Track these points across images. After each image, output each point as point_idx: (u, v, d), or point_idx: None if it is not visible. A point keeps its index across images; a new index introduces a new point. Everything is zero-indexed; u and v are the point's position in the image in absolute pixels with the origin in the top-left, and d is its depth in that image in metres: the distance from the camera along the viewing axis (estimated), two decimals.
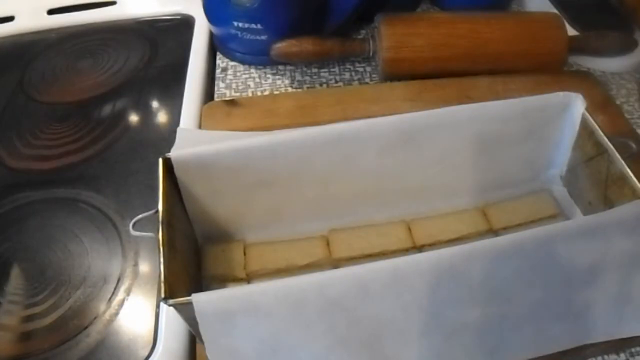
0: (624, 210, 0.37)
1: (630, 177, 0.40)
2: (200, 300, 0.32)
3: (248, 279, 0.43)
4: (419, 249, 0.45)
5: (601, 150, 0.43)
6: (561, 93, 0.45)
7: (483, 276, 0.35)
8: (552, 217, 0.47)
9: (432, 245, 0.45)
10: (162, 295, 0.33)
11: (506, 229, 0.46)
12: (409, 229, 0.46)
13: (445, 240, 0.45)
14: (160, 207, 0.38)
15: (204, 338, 0.33)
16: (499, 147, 0.46)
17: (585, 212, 0.46)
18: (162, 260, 0.35)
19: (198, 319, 0.33)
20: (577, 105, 0.45)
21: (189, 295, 0.33)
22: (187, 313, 0.33)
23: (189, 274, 0.40)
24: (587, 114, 0.44)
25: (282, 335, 0.34)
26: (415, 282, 0.34)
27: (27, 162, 0.56)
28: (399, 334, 0.35)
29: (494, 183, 0.48)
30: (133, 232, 0.38)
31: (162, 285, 0.33)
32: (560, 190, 0.49)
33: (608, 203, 0.43)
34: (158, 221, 0.37)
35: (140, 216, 0.38)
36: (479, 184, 0.48)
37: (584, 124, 0.44)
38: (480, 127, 0.45)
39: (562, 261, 0.36)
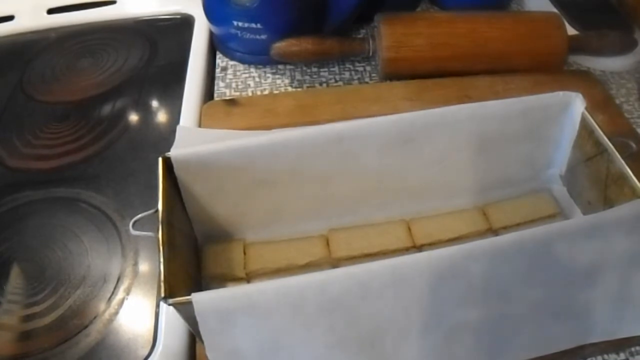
0: (623, 210, 0.37)
1: (630, 176, 0.40)
2: (200, 299, 0.32)
3: (248, 278, 0.43)
4: (419, 248, 0.45)
5: (601, 149, 0.43)
6: (561, 92, 0.45)
7: (483, 276, 0.35)
8: (551, 217, 0.47)
9: (432, 245, 0.45)
10: (162, 295, 0.33)
11: (506, 229, 0.46)
12: (409, 229, 0.46)
13: (445, 239, 0.45)
14: (160, 206, 0.38)
15: (203, 338, 0.33)
16: (498, 146, 0.46)
17: (585, 212, 0.46)
18: (162, 259, 0.35)
19: (198, 319, 0.33)
20: (576, 104, 0.45)
21: (189, 294, 0.33)
22: (187, 312, 0.33)
23: (188, 274, 0.40)
24: (586, 114, 0.44)
25: (282, 335, 0.34)
26: (415, 282, 0.34)
27: (27, 161, 0.56)
28: (398, 333, 0.35)
29: (493, 182, 0.48)
30: (133, 232, 0.38)
31: (162, 284, 0.33)
32: (560, 190, 0.49)
33: (608, 202, 0.43)
34: (158, 220, 0.37)
35: (140, 215, 0.38)
36: (478, 183, 0.48)
37: (583, 123, 0.44)
38: (480, 126, 0.45)
39: (561, 261, 0.36)
